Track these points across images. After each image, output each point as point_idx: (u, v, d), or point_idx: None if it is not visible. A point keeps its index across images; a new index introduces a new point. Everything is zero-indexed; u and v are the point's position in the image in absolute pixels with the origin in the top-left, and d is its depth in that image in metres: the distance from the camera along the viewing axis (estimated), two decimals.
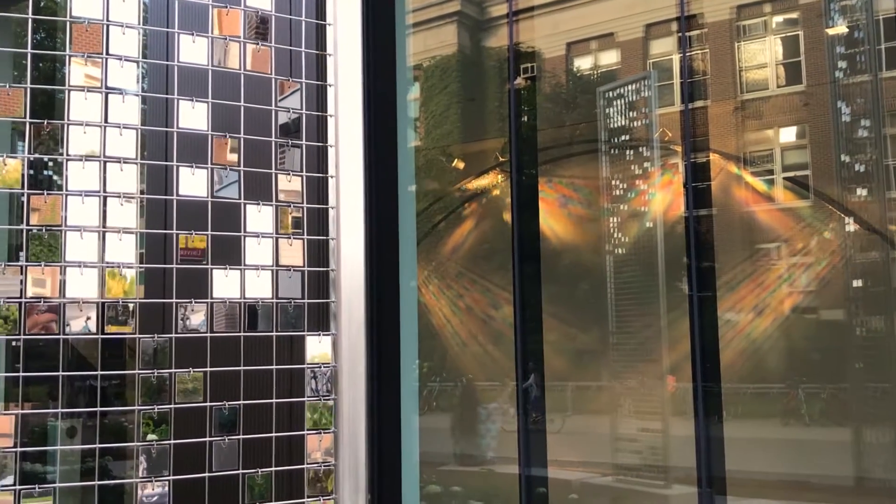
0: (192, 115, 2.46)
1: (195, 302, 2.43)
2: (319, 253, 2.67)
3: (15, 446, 2.22)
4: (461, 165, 12.46)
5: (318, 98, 2.72)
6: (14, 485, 2.19)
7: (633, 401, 9.43)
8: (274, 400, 2.53)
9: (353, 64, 2.70)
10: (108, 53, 2.37)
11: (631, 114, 9.92)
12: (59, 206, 2.29)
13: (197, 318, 2.43)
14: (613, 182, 10.05)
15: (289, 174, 2.62)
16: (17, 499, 2.19)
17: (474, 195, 12.01)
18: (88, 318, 2.32)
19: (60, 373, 2.30)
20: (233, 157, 2.53)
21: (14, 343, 3.10)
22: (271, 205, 2.58)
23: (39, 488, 2.22)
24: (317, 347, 2.59)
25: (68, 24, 2.34)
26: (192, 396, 2.41)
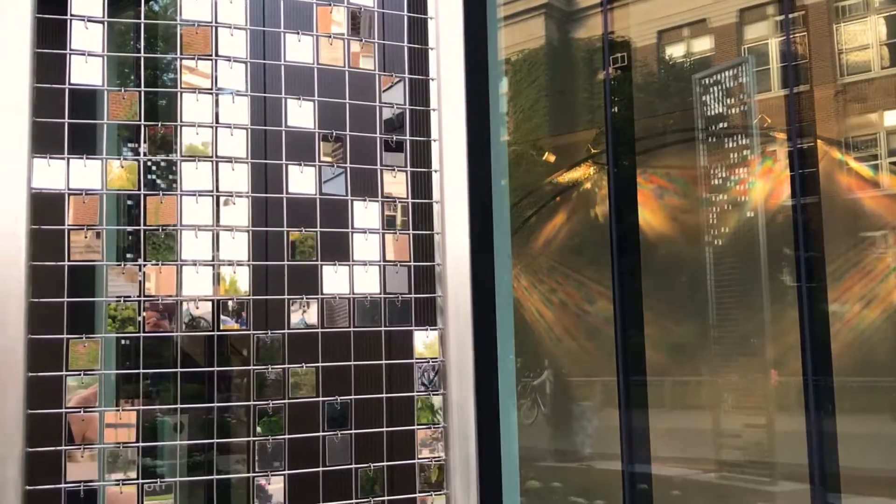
0: (299, 114, 2.50)
1: (306, 298, 2.46)
2: (425, 248, 2.66)
3: (137, 441, 2.29)
4: (551, 159, 12.35)
5: (421, 93, 2.71)
6: (137, 478, 2.26)
7: (736, 395, 9.16)
8: (384, 395, 2.54)
9: (456, 57, 2.69)
10: (217, 55, 2.42)
11: (728, 100, 9.63)
12: (174, 207, 2.35)
13: (308, 313, 2.45)
14: (711, 171, 9.79)
15: (393, 170, 2.62)
16: (140, 492, 2.26)
17: (566, 188, 11.88)
18: (202, 316, 2.37)
19: (178, 369, 2.36)
20: (338, 155, 2.55)
21: (124, 342, 3.19)
22: (377, 200, 2.59)
23: (161, 482, 2.28)
24: (424, 342, 2.59)
25: (178, 27, 2.40)
26: (304, 392, 2.43)
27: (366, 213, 2.57)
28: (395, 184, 2.63)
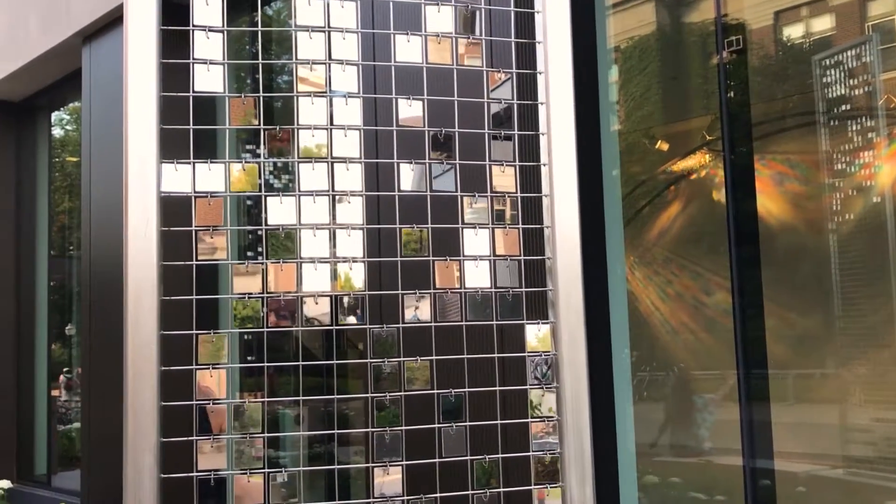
0: (409, 113, 2.54)
1: (419, 293, 2.51)
2: (535, 241, 2.67)
3: (262, 432, 2.38)
4: (664, 147, 12.07)
5: (528, 87, 2.72)
6: (263, 468, 2.36)
7: (864, 389, 8.74)
8: (497, 388, 2.57)
9: (563, 50, 2.68)
10: (330, 58, 2.49)
11: (851, 81, 9.20)
12: (293, 207, 2.43)
13: (420, 308, 2.50)
14: (833, 156, 9.36)
15: (502, 164, 2.64)
16: (267, 482, 2.36)
17: (680, 177, 11.60)
18: (320, 312, 2.46)
19: (300, 363, 2.45)
20: (447, 151, 2.58)
21: (246, 337, 3.29)
22: (486, 196, 2.61)
23: (286, 471, 2.37)
24: (536, 336, 2.60)
25: (294, 33, 2.48)
26: (419, 385, 2.49)
27: (476, 209, 2.59)
28: (504, 178, 2.64)
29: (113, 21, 7.38)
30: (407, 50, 2.56)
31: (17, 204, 9.33)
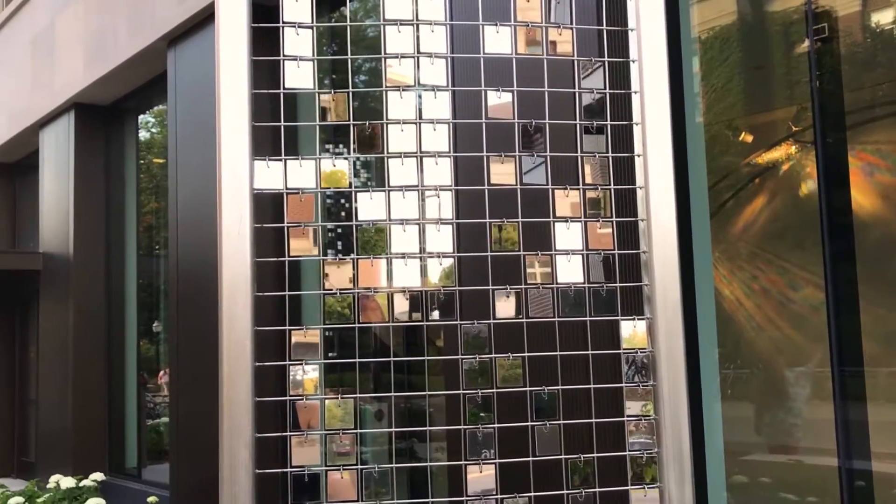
0: (498, 105, 2.50)
1: (510, 288, 2.47)
2: (629, 235, 2.60)
3: (354, 428, 2.38)
4: (749, 139, 11.76)
5: (620, 76, 2.65)
6: (356, 464, 2.36)
7: None
8: (592, 385, 2.51)
9: (657, 37, 2.59)
10: (419, 52, 2.46)
11: None
12: (383, 202, 2.42)
13: (511, 303, 2.46)
14: None
15: (594, 156, 2.58)
16: (360, 478, 2.35)
17: (765, 169, 11.28)
18: (407, 307, 2.44)
19: (391, 358, 2.44)
20: (538, 143, 2.53)
21: (327, 333, 3.30)
22: (578, 188, 2.55)
23: (378, 468, 2.36)
24: (631, 332, 2.53)
25: (382, 27, 2.47)
26: (510, 381, 2.44)
27: (567, 202, 2.54)
28: (597, 170, 2.58)
29: (196, 25, 7.53)
30: (496, 41, 2.52)
31: (106, 205, 9.61)
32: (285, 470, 2.33)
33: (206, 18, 7.43)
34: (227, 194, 2.36)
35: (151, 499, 6.58)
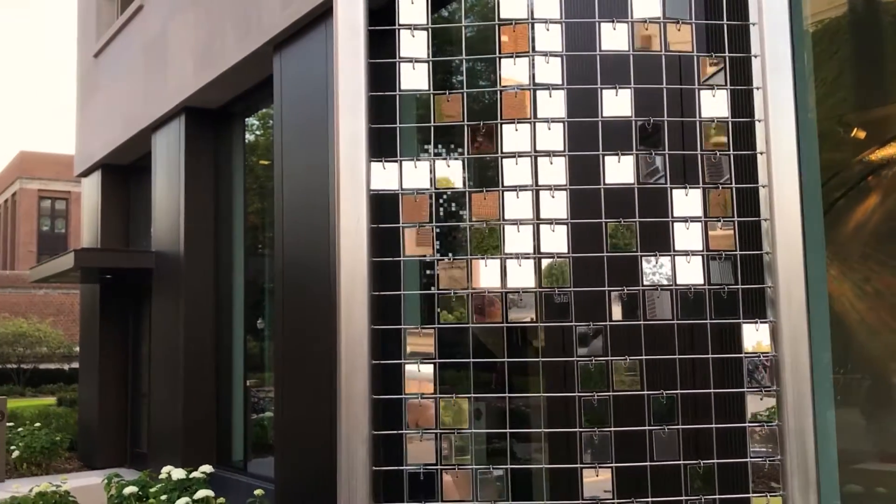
0: (616, 103, 2.46)
1: (627, 290, 2.42)
2: (751, 235, 2.52)
3: (469, 427, 2.38)
4: (861, 135, 11.29)
5: (741, 71, 2.56)
6: (471, 463, 2.36)
7: None
8: (712, 390, 2.44)
9: (781, 31, 2.50)
10: (534, 51, 2.45)
11: None
12: (496, 202, 2.41)
13: (629, 305, 2.42)
14: None
15: (716, 153, 2.51)
16: (475, 477, 2.35)
17: (878, 167, 10.80)
18: (526, 307, 2.42)
19: (505, 359, 2.43)
20: (656, 139, 2.48)
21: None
22: (698, 187, 2.49)
23: (494, 468, 2.36)
24: (754, 336, 2.45)
25: (497, 27, 2.46)
26: (627, 385, 2.40)
27: (686, 201, 2.47)
28: (718, 168, 2.50)
29: (300, 30, 7.69)
30: (613, 38, 2.48)
31: (215, 205, 9.92)
32: (401, 468, 2.35)
33: (309, 23, 7.58)
34: (345, 195, 2.39)
35: (258, 491, 6.75)
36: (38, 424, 12.34)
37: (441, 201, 4.72)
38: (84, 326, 12.90)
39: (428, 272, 5.16)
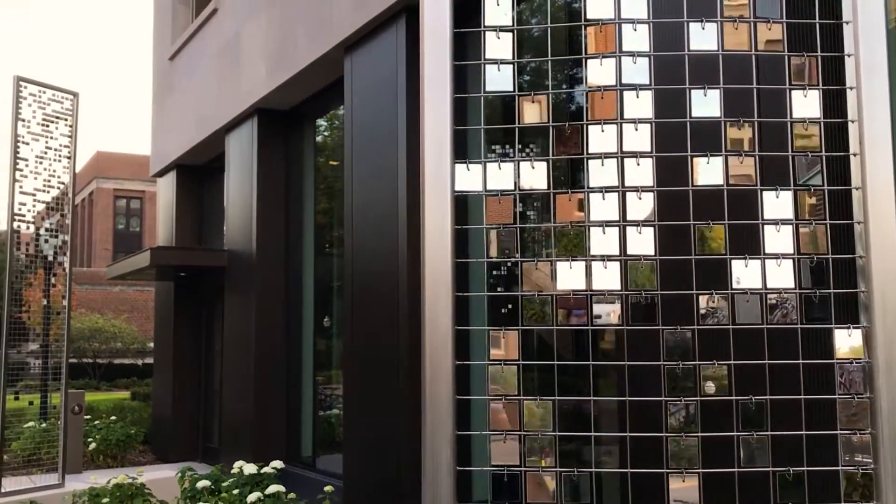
0: (704, 103, 2.43)
1: (715, 293, 2.39)
2: (843, 239, 2.45)
3: (553, 430, 2.38)
4: None
5: (833, 71, 2.50)
6: (555, 466, 2.35)
7: None
8: (802, 396, 2.39)
9: (877, 29, 2.43)
10: (620, 51, 2.43)
11: None
12: (582, 204, 2.40)
13: (716, 309, 2.38)
14: None
15: (807, 155, 2.45)
16: (559, 480, 2.34)
17: None
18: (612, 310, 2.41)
19: (590, 362, 2.41)
20: (747, 142, 2.44)
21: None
22: (789, 189, 2.44)
23: (577, 471, 2.34)
24: (846, 341, 2.39)
25: (583, 27, 2.45)
26: (715, 390, 2.37)
27: (777, 204, 2.42)
28: (809, 171, 2.45)
29: (371, 31, 7.76)
30: (701, 38, 2.44)
31: (286, 205, 10.05)
32: (485, 468, 2.36)
33: (380, 25, 7.63)
34: (429, 197, 2.40)
35: (328, 488, 6.82)
36: (113, 418, 12.68)
37: (524, 203, 4.69)
38: (158, 323, 13.20)
39: (494, 272, 5.15)
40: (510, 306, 2.48)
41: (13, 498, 7.25)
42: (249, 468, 7.36)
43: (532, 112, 2.41)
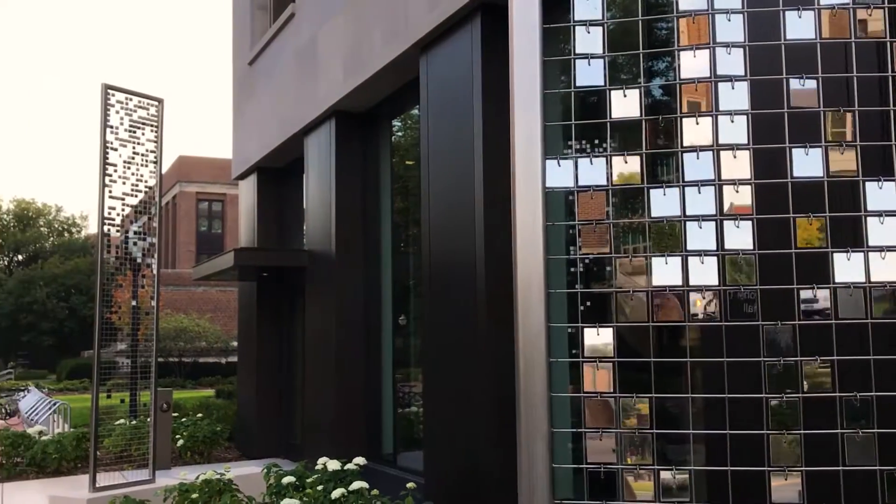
0: (801, 93, 2.37)
1: (817, 287, 2.33)
2: None
3: (651, 427, 2.35)
4: None
5: None
6: (653, 464, 2.32)
7: None
8: None
9: None
10: (714, 42, 2.39)
11: None
12: (676, 198, 2.37)
13: (820, 303, 2.32)
14: None
15: None
16: (656, 478, 2.31)
17: None
18: (709, 305, 2.37)
19: (688, 359, 2.38)
20: (848, 133, 2.37)
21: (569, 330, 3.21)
22: (893, 180, 2.36)
23: (676, 469, 2.31)
24: None
25: (675, 19, 2.41)
26: (816, 387, 2.31)
27: (880, 195, 2.35)
28: None
29: (447, 31, 7.78)
30: (798, 26, 2.38)
31: (363, 206, 10.17)
32: (581, 465, 2.35)
33: (455, 24, 7.65)
34: (521, 193, 2.40)
35: (410, 485, 6.87)
36: (199, 415, 13.01)
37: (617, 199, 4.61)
38: (242, 322, 13.50)
39: (571, 269, 5.10)
40: (588, 303, 2.46)
41: (107, 493, 7.50)
42: (333, 465, 7.46)
43: (623, 106, 2.38)
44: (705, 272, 2.32)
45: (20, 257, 47.48)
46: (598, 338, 2.36)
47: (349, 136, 10.40)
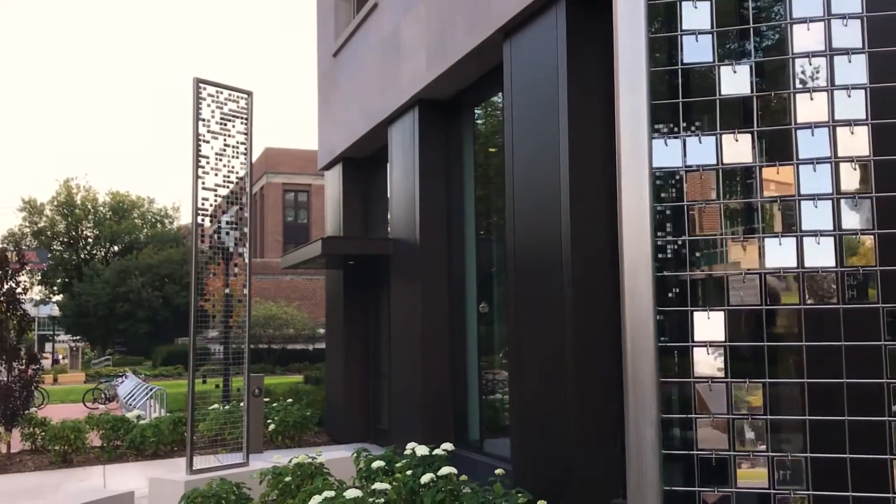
0: None
1: None
2: None
3: (764, 413, 2.28)
4: None
5: None
6: (766, 451, 2.26)
7: None
8: None
9: None
10: (829, 14, 2.29)
11: None
12: (791, 177, 2.28)
13: None
14: None
15: None
16: (771, 465, 2.25)
17: None
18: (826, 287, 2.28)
19: (803, 343, 2.30)
20: None
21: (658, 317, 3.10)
22: None
23: (791, 457, 2.24)
24: None
25: None
26: None
27: None
28: None
29: (530, 15, 7.71)
30: None
31: (447, 194, 10.19)
32: (692, 452, 2.29)
33: (539, 8, 7.57)
34: (626, 174, 2.35)
35: (499, 471, 6.87)
36: (290, 400, 13.30)
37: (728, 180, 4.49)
38: (329, 310, 13.71)
39: (660, 255, 4.98)
40: (677, 290, 2.39)
41: (204, 475, 7.72)
42: (421, 450, 7.51)
43: (733, 82, 2.31)
44: (821, 253, 2.23)
45: (116, 248, 49.30)
46: (709, 322, 2.30)
47: (432, 125, 10.42)
